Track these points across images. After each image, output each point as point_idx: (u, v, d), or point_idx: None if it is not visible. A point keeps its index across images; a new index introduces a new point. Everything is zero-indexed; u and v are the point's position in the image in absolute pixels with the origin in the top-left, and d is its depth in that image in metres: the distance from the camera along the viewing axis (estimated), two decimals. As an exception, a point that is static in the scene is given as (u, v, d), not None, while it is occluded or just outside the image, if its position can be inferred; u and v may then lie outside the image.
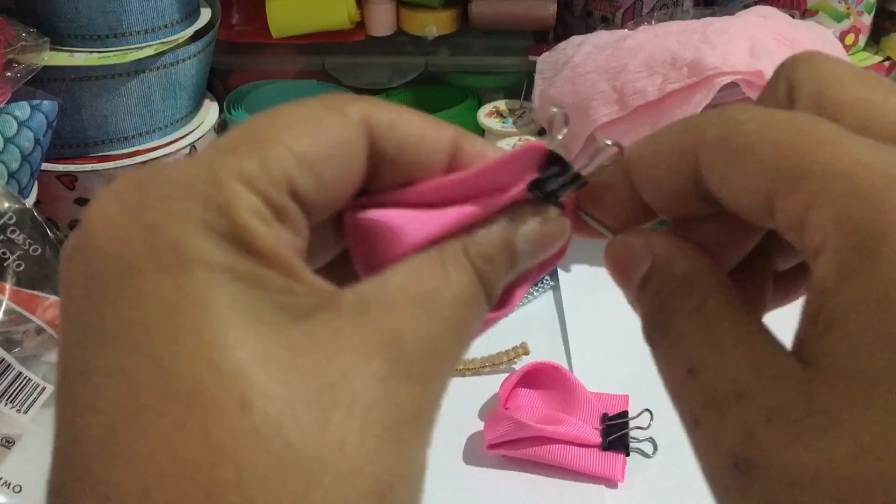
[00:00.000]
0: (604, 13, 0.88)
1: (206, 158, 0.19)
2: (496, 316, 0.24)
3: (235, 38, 0.88)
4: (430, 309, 0.20)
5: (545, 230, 0.23)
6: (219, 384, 0.16)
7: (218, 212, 0.18)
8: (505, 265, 0.22)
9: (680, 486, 0.55)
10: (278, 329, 0.17)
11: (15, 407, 0.53)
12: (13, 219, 0.56)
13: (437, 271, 0.21)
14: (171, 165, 0.19)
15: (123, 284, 0.17)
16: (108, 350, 0.17)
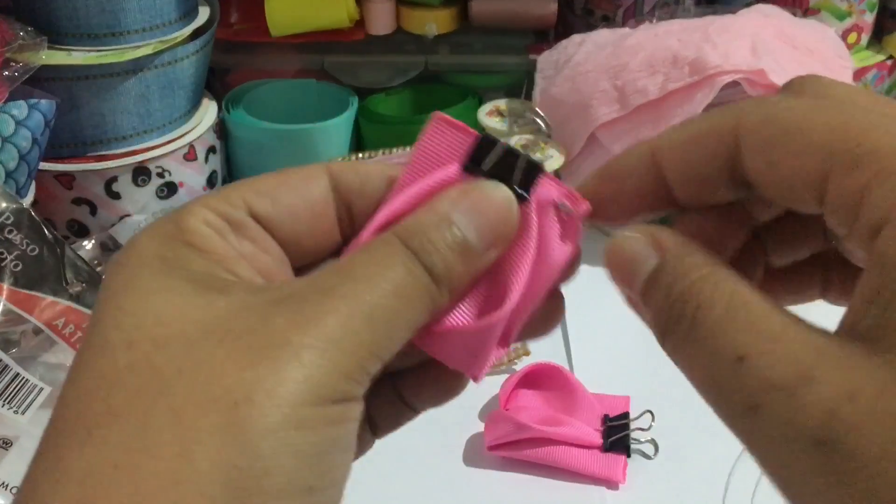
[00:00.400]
0: (605, 12, 0.88)
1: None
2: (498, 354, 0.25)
3: (234, 36, 0.88)
4: (338, 270, 0.22)
5: (480, 197, 0.23)
6: (117, 330, 0.21)
7: (172, 222, 0.23)
8: (446, 240, 0.23)
9: (681, 488, 0.55)
10: (184, 296, 0.21)
11: (12, 408, 0.53)
12: (10, 218, 0.56)
13: (360, 252, 0.23)
14: None
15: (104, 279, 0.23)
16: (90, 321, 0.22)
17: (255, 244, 0.23)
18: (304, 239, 0.25)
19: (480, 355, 0.25)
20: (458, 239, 0.23)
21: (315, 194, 0.24)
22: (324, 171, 0.25)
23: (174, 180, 0.77)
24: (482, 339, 0.24)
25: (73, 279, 0.57)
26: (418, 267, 0.22)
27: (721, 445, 0.58)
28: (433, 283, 0.22)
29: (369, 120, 0.85)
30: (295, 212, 0.24)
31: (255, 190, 0.24)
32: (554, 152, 0.74)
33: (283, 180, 0.24)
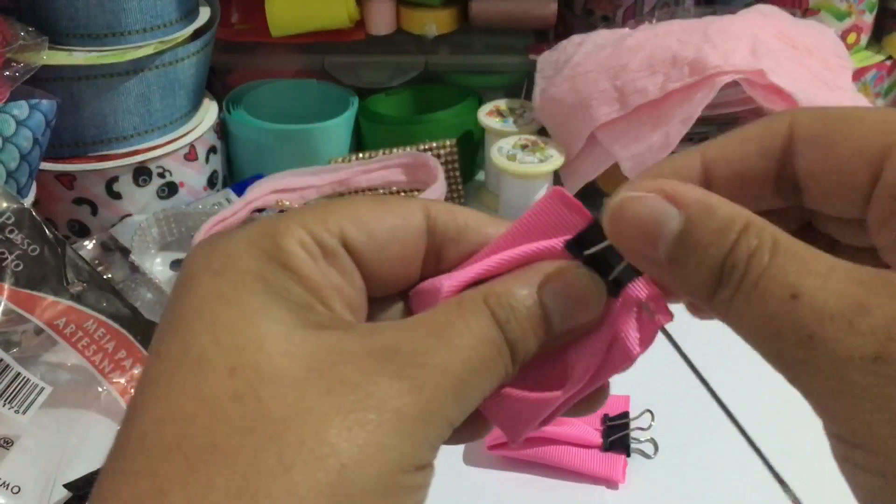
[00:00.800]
0: (604, 12, 0.88)
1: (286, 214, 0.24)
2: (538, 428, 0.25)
3: (234, 36, 0.88)
4: (434, 331, 0.22)
5: (574, 284, 0.23)
6: (216, 347, 0.20)
7: (269, 238, 0.22)
8: (530, 316, 0.23)
9: (681, 487, 0.55)
10: (285, 326, 0.21)
11: (13, 407, 0.53)
12: (11, 218, 0.56)
13: (453, 310, 0.23)
14: None
15: (186, 285, 0.22)
16: (162, 330, 0.21)
17: (342, 274, 0.23)
18: (388, 274, 0.25)
19: (527, 424, 0.25)
20: (542, 318, 0.23)
21: (410, 233, 0.24)
22: (422, 211, 0.25)
23: (175, 180, 0.77)
24: (535, 411, 0.24)
25: (74, 279, 0.57)
26: (503, 343, 0.23)
27: (721, 445, 0.58)
28: (511, 357, 0.23)
29: (370, 120, 0.85)
30: (387, 248, 0.24)
31: (353, 218, 0.24)
32: (553, 152, 0.74)
33: (382, 213, 0.24)
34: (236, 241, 0.22)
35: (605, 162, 0.73)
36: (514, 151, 0.75)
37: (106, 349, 0.56)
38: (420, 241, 0.25)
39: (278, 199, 0.76)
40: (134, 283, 0.67)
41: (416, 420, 0.20)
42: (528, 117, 0.80)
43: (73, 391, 0.55)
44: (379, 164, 0.78)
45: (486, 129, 0.80)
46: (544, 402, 0.24)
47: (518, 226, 0.25)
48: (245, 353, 0.20)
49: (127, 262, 0.69)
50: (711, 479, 0.56)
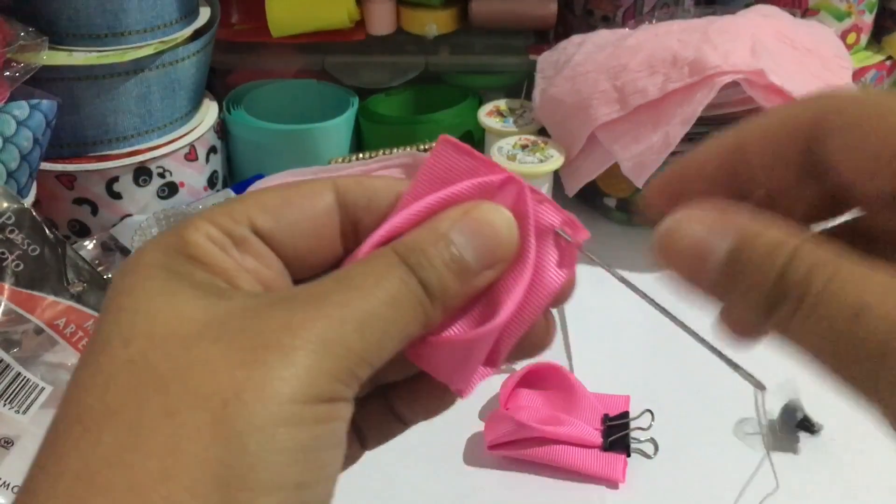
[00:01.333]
0: (604, 12, 0.88)
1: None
2: (486, 373, 0.26)
3: (235, 37, 0.88)
4: (336, 279, 0.22)
5: (480, 217, 0.24)
6: (116, 327, 0.21)
7: (175, 234, 0.23)
8: (441, 255, 0.23)
9: (681, 487, 0.55)
10: (184, 298, 0.22)
11: (13, 407, 0.53)
12: (12, 218, 0.56)
13: (359, 263, 0.23)
14: None
15: (110, 285, 0.23)
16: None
17: (257, 259, 0.24)
18: (306, 254, 0.25)
19: (465, 369, 0.25)
20: (455, 257, 0.23)
21: (319, 210, 0.25)
22: (330, 187, 0.25)
23: (175, 180, 0.77)
24: (468, 352, 0.25)
25: (75, 279, 0.57)
26: (413, 280, 0.23)
27: (720, 444, 0.58)
28: (427, 297, 0.23)
29: (370, 120, 0.85)
30: (298, 228, 0.25)
31: (260, 205, 0.24)
32: (553, 152, 0.74)
33: (288, 196, 0.25)
34: (146, 243, 0.24)
35: (605, 162, 0.73)
36: (514, 151, 0.75)
37: (106, 349, 0.56)
38: (332, 216, 0.25)
39: (278, 200, 0.76)
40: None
41: (307, 351, 0.20)
42: (528, 117, 0.80)
43: (74, 391, 0.55)
44: (379, 165, 0.78)
45: (487, 129, 0.80)
46: (473, 339, 0.24)
47: (419, 180, 0.25)
48: (140, 326, 0.21)
49: (127, 263, 0.69)
50: (711, 479, 0.56)
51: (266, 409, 0.20)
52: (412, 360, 0.25)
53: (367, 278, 0.22)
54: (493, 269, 0.24)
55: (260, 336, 0.21)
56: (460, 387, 0.25)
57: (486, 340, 0.25)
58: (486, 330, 0.24)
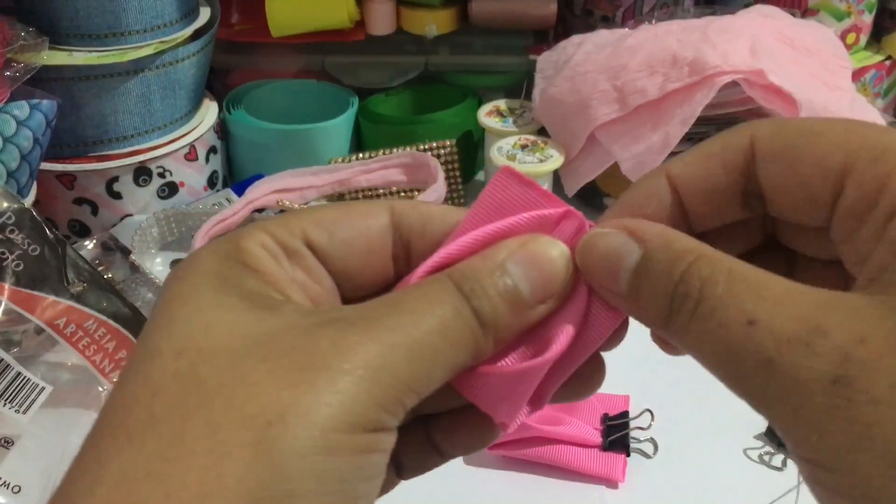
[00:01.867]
0: (604, 12, 0.88)
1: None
2: (532, 408, 0.25)
3: (235, 37, 0.88)
4: (389, 302, 0.22)
5: (537, 251, 0.24)
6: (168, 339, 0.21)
7: (232, 242, 0.23)
8: (496, 285, 0.23)
9: (681, 487, 0.55)
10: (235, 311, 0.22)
11: (14, 407, 0.53)
12: (12, 218, 0.56)
13: (413, 287, 0.23)
14: None
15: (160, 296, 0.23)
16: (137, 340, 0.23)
17: (307, 273, 0.24)
18: (357, 273, 0.25)
19: (512, 402, 0.25)
20: (509, 288, 0.23)
21: (373, 230, 0.25)
22: (386, 209, 0.25)
23: (175, 180, 0.78)
24: (516, 385, 0.24)
25: (75, 279, 0.57)
26: (467, 309, 0.22)
27: (720, 444, 0.58)
28: (479, 327, 0.23)
29: (370, 120, 0.85)
30: (351, 245, 0.25)
31: (315, 220, 0.24)
32: (553, 152, 0.74)
33: (344, 214, 0.25)
34: (202, 249, 0.24)
35: (605, 162, 0.73)
36: (514, 151, 0.75)
37: (106, 349, 0.56)
38: (385, 237, 0.25)
39: (278, 199, 0.76)
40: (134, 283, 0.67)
41: (355, 377, 0.20)
42: (528, 117, 0.80)
43: (74, 391, 0.55)
44: (379, 165, 0.79)
45: (486, 129, 0.80)
46: (522, 372, 0.24)
47: (476, 209, 0.25)
48: (192, 339, 0.21)
49: (127, 262, 0.69)
50: (711, 479, 0.56)
51: (309, 434, 0.19)
52: (458, 390, 0.24)
53: (419, 303, 0.22)
54: (546, 303, 0.24)
55: (308, 357, 0.21)
56: (505, 420, 0.25)
57: (536, 374, 0.24)
58: (538, 363, 0.24)
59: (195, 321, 0.22)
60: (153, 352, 0.21)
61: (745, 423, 0.59)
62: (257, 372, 0.20)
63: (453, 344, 0.22)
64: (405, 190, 0.79)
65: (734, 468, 0.56)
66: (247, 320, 0.22)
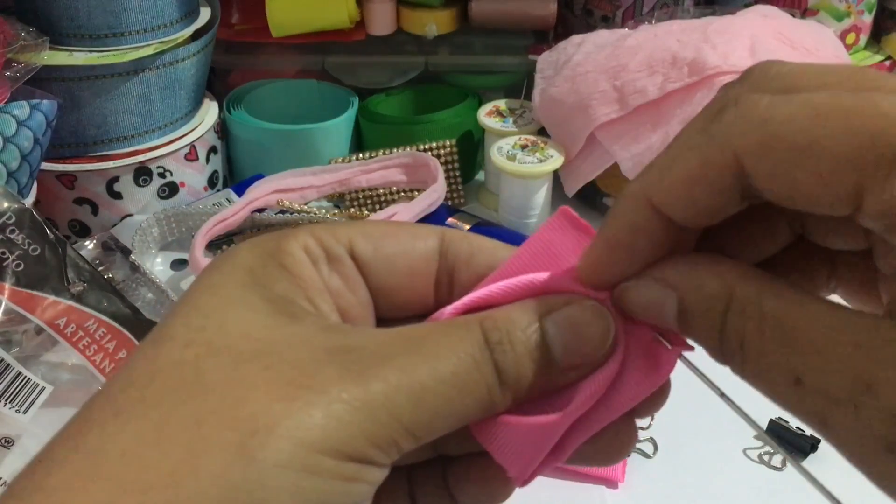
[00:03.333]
0: (604, 12, 0.88)
1: None
2: (551, 465, 0.24)
3: (235, 37, 0.88)
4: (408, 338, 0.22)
5: (580, 315, 0.23)
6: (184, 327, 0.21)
7: (275, 240, 0.23)
8: (527, 342, 0.22)
9: (680, 486, 0.55)
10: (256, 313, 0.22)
11: (14, 407, 0.53)
12: (12, 218, 0.56)
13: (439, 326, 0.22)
14: None
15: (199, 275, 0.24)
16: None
17: (345, 281, 0.24)
18: (396, 292, 0.25)
19: (528, 456, 0.23)
20: (541, 347, 0.22)
21: (419, 251, 0.25)
22: (436, 234, 0.25)
23: (175, 180, 0.78)
24: (534, 439, 0.23)
25: (75, 279, 0.57)
26: (488, 363, 0.22)
27: (720, 444, 0.58)
28: (498, 383, 0.22)
29: (370, 120, 0.85)
30: (394, 263, 0.24)
31: (363, 231, 0.24)
32: (553, 152, 0.75)
33: (393, 231, 0.25)
34: (245, 243, 0.24)
35: (605, 162, 0.73)
36: (513, 151, 0.75)
37: (107, 349, 0.56)
38: (431, 260, 0.25)
39: (279, 199, 0.76)
40: (134, 283, 0.67)
41: (351, 408, 0.20)
42: (528, 117, 0.80)
43: (74, 391, 0.55)
44: (379, 165, 0.79)
45: (486, 130, 0.80)
46: (542, 427, 0.23)
47: (525, 249, 0.24)
48: (206, 332, 0.21)
49: (127, 262, 0.69)
50: (710, 479, 0.56)
51: (293, 449, 0.19)
52: (474, 434, 0.23)
53: (438, 347, 0.21)
54: (576, 370, 0.23)
55: (311, 377, 0.20)
56: (519, 474, 0.24)
57: (555, 429, 0.23)
58: (557, 419, 0.22)
59: (214, 315, 0.22)
60: (166, 336, 0.21)
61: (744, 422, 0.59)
62: (257, 378, 0.20)
63: (464, 395, 0.21)
64: (405, 190, 0.79)
65: (734, 468, 0.56)
66: (264, 324, 0.21)
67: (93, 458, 0.19)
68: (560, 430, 0.23)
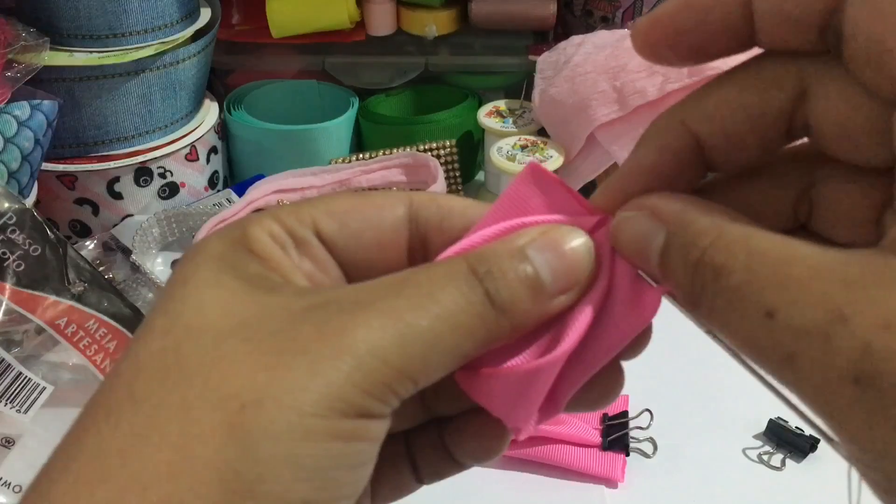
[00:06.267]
0: (604, 13, 0.88)
1: None
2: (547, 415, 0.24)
3: (235, 37, 0.88)
4: (390, 284, 0.21)
5: (560, 238, 0.23)
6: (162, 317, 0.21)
7: (240, 228, 0.23)
8: (516, 270, 0.22)
9: (680, 486, 0.55)
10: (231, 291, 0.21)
11: (15, 407, 0.53)
12: (13, 219, 0.56)
13: (421, 268, 0.22)
14: None
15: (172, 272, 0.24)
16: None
17: (315, 263, 0.24)
18: (368, 267, 0.24)
19: (523, 405, 0.23)
20: (529, 274, 0.22)
21: (386, 223, 0.24)
22: (403, 201, 0.24)
23: (176, 180, 0.78)
24: (526, 386, 0.23)
25: (76, 279, 0.57)
26: (477, 292, 0.21)
27: (719, 444, 0.58)
28: (493, 310, 0.21)
29: (370, 120, 0.85)
30: (362, 237, 0.24)
31: (327, 210, 0.24)
32: (553, 152, 0.75)
33: (358, 204, 0.24)
34: (211, 234, 0.23)
35: (605, 162, 0.73)
36: (513, 152, 0.75)
37: (107, 349, 0.56)
38: (400, 229, 0.24)
39: (279, 200, 0.76)
40: (135, 283, 0.67)
41: (337, 361, 0.19)
42: (528, 118, 0.80)
43: (75, 391, 0.56)
44: (379, 165, 0.79)
45: (486, 130, 0.81)
46: (532, 372, 0.22)
47: (499, 205, 0.24)
48: (183, 317, 0.21)
49: (128, 262, 0.69)
50: (710, 479, 0.56)
51: (283, 418, 0.19)
52: (465, 390, 0.23)
53: (420, 287, 0.21)
54: (567, 294, 0.23)
55: (290, 340, 0.20)
56: (517, 424, 0.24)
57: (546, 373, 0.23)
58: (546, 361, 0.22)
59: (189, 300, 0.21)
60: (146, 330, 0.21)
61: (744, 422, 0.59)
62: (237, 353, 0.20)
63: (457, 330, 0.21)
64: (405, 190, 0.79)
65: (733, 468, 0.57)
66: (241, 300, 0.21)
67: (92, 462, 0.19)
68: (551, 373, 0.23)
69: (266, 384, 0.19)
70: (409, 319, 0.20)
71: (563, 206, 0.24)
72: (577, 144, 0.74)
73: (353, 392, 0.20)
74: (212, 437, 0.19)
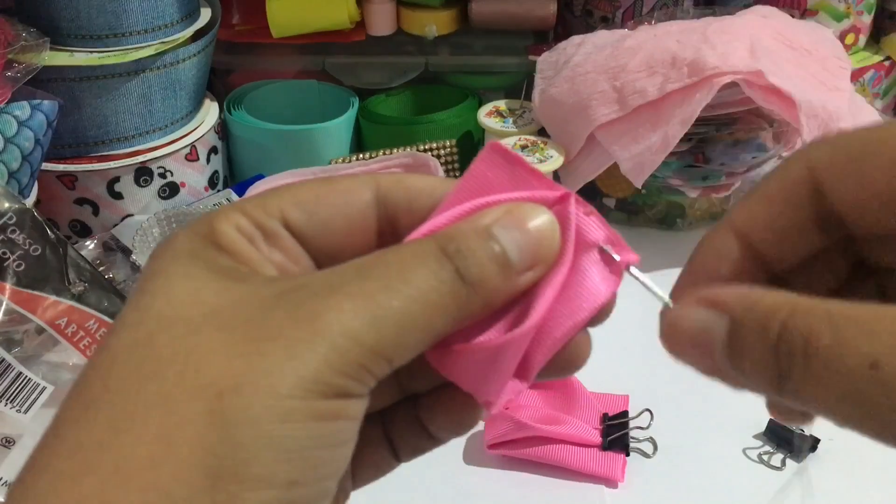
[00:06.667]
0: (604, 13, 0.88)
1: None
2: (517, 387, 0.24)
3: (235, 37, 0.88)
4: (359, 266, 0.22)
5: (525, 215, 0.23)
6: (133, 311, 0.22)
7: (206, 223, 0.23)
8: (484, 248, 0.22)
9: (680, 486, 0.56)
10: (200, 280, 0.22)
11: (15, 407, 0.53)
12: (13, 218, 0.56)
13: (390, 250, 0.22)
14: None
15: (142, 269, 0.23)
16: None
17: (285, 254, 0.24)
18: (338, 252, 0.24)
19: (493, 380, 0.24)
20: (496, 252, 0.22)
21: (355, 208, 0.24)
22: (370, 185, 0.25)
23: (176, 180, 0.78)
24: (495, 360, 0.23)
25: (76, 279, 0.57)
26: (447, 271, 0.22)
27: (719, 444, 0.58)
28: (464, 287, 0.22)
29: (370, 120, 0.85)
30: (330, 225, 0.24)
31: (294, 200, 0.24)
32: (553, 152, 0.75)
33: (324, 192, 0.24)
34: (178, 230, 0.23)
35: (605, 162, 0.73)
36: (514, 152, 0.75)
37: (107, 349, 0.56)
38: (367, 215, 0.24)
39: (279, 200, 0.76)
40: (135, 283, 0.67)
41: (311, 343, 0.20)
42: (528, 118, 0.80)
43: (75, 391, 0.56)
44: (379, 165, 0.79)
45: (486, 130, 0.81)
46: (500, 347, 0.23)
47: (463, 184, 0.25)
48: (154, 309, 0.21)
49: (128, 262, 0.69)
50: (710, 479, 0.56)
51: (262, 402, 0.19)
52: (436, 368, 0.24)
53: (390, 267, 0.21)
54: (534, 270, 0.23)
55: (263, 327, 0.20)
56: (488, 398, 0.24)
57: (514, 347, 0.23)
58: (514, 335, 0.23)
59: (160, 292, 0.22)
60: (119, 325, 0.22)
61: (744, 422, 0.59)
62: (212, 342, 0.20)
63: (429, 308, 0.21)
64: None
65: (733, 468, 0.57)
66: (211, 290, 0.21)
67: (74, 456, 0.20)
68: (520, 346, 0.23)
69: (242, 370, 0.20)
70: (381, 300, 0.21)
71: (525, 183, 0.25)
72: (577, 144, 0.74)
73: (330, 373, 0.20)
74: (192, 424, 0.19)
